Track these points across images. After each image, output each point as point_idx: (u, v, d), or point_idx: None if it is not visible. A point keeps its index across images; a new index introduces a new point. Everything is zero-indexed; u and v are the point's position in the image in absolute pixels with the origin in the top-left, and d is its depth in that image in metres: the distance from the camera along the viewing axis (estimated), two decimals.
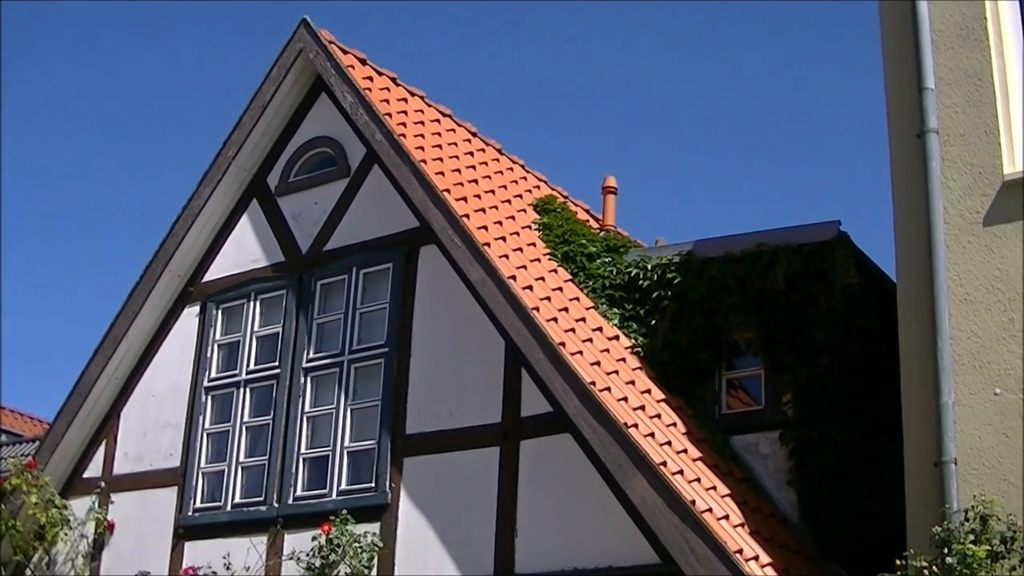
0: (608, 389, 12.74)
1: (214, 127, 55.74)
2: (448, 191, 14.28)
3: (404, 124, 15.43)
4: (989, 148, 12.38)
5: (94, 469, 16.92)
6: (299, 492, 14.67)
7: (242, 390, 15.64)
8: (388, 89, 16.18)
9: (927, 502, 11.84)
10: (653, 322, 14.93)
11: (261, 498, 14.91)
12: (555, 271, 15.12)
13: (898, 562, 11.32)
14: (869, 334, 14.05)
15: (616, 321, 14.99)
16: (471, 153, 16.79)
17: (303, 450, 14.83)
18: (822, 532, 13.68)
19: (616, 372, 13.59)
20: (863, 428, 13.87)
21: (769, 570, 11.99)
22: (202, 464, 15.70)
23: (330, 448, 14.54)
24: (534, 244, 15.35)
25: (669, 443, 12.84)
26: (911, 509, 12.08)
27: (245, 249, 16.29)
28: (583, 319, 14.29)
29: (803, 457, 13.87)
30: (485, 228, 14.26)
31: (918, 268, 12.40)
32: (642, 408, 13.17)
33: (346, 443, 14.46)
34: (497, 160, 17.45)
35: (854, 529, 13.62)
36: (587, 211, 18.39)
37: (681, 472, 12.24)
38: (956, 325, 12.06)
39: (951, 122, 12.58)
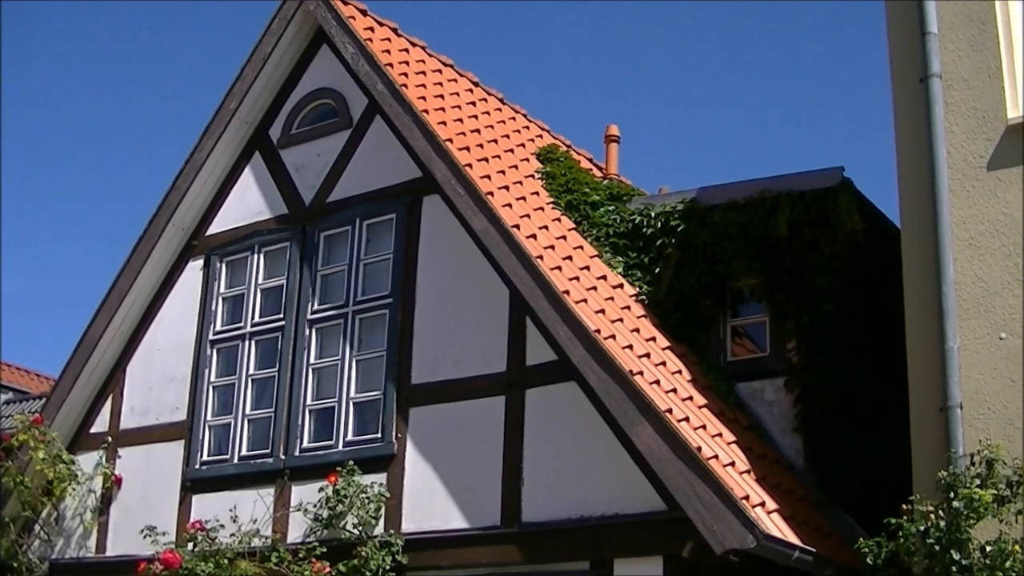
0: (613, 337, 12.74)
1: (216, 80, 55.40)
2: (450, 141, 14.24)
3: (405, 75, 15.38)
4: (992, 93, 12.36)
5: (100, 424, 16.95)
6: (305, 444, 14.69)
7: (247, 343, 15.64)
8: (389, 40, 16.13)
9: (933, 447, 11.88)
10: (657, 270, 14.94)
11: (268, 450, 14.94)
12: (558, 220, 15.11)
13: (904, 507, 11.37)
14: (873, 280, 14.05)
15: (620, 269, 15.00)
16: (472, 103, 16.74)
17: (309, 402, 14.84)
18: (828, 478, 13.73)
19: (621, 320, 13.60)
20: (868, 374, 13.89)
21: (775, 516, 12.02)
22: (208, 417, 15.73)
23: (336, 399, 14.56)
24: (537, 193, 15.33)
25: (674, 390, 12.85)
26: (917, 454, 12.12)
27: (248, 202, 16.27)
28: (587, 267, 14.28)
29: (808, 403, 13.91)
30: (488, 177, 14.23)
31: (922, 213, 12.39)
32: (647, 356, 13.18)
33: (352, 394, 14.47)
34: (499, 110, 17.41)
35: (859, 475, 13.66)
36: (590, 160, 18.36)
37: (687, 419, 12.25)
38: (960, 270, 12.07)
39: (954, 67, 12.56)
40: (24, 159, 59.13)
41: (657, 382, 12.63)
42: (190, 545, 14.21)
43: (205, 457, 15.57)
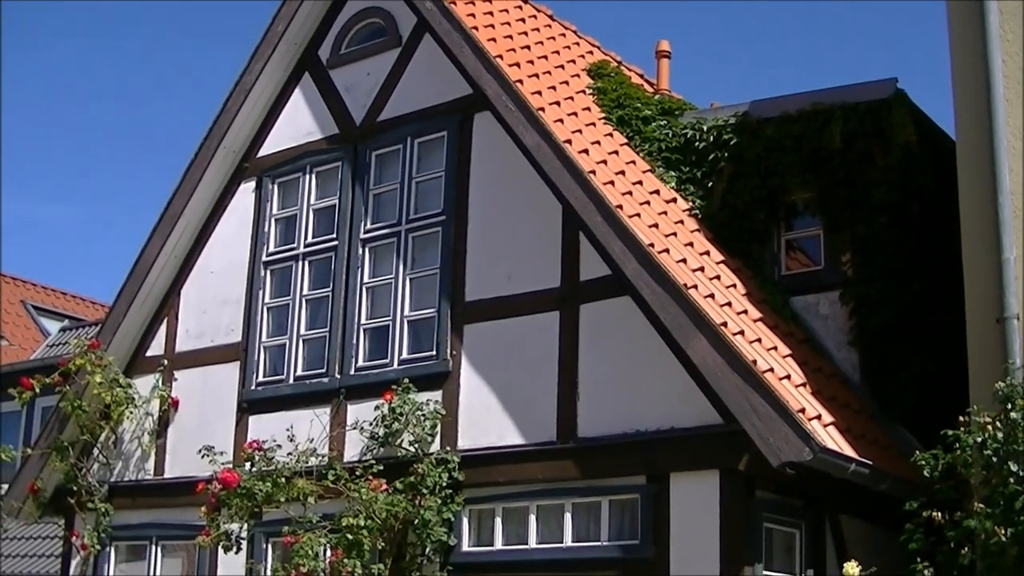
0: (667, 251, 12.70)
1: (264, 3, 55.53)
2: (500, 57, 14.16)
3: None
4: None
5: (156, 347, 17.05)
6: (360, 363, 14.73)
7: (301, 263, 15.66)
8: None
9: (989, 358, 11.82)
10: (710, 184, 14.89)
11: (323, 370, 14.99)
12: (611, 135, 15.04)
13: (961, 419, 11.34)
14: (928, 192, 13.96)
15: (673, 184, 14.95)
16: (522, 20, 16.61)
17: (363, 321, 14.87)
18: (883, 391, 13.71)
19: (674, 234, 13.56)
20: (923, 286, 13.83)
21: (831, 429, 12.00)
22: (263, 338, 15.79)
23: (390, 318, 14.58)
24: (589, 109, 15.26)
25: (729, 304, 12.81)
26: (973, 366, 12.07)
27: (299, 123, 16.24)
28: (640, 182, 14.24)
29: (863, 316, 13.85)
30: (539, 93, 14.16)
31: (977, 123, 12.28)
32: (701, 270, 13.13)
33: (406, 312, 14.49)
34: (548, 26, 17.29)
35: (915, 387, 13.63)
36: (640, 76, 18.23)
37: (742, 332, 12.22)
38: (1016, 180, 11.98)
39: None
40: (77, 90, 59.43)
41: (711, 296, 12.59)
42: (247, 465, 14.27)
43: (261, 378, 15.65)
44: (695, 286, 12.34)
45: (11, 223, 63.89)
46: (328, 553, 13.45)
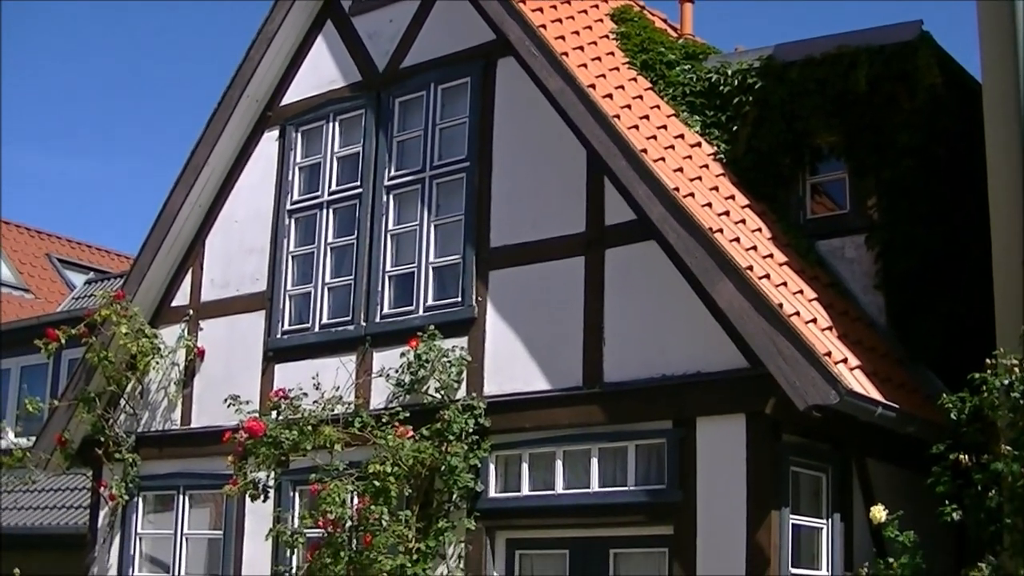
0: (692, 195, 12.67)
1: None
2: (523, 2, 14.08)
3: None
4: None
5: (181, 297, 17.06)
6: (386, 310, 14.73)
7: (325, 211, 15.64)
8: None
9: (1015, 301, 11.81)
10: (735, 128, 14.83)
11: (348, 318, 15.00)
12: (635, 80, 14.98)
13: (988, 361, 11.31)
14: (953, 135, 13.90)
15: (697, 128, 14.89)
16: None
17: (388, 268, 14.85)
18: (910, 335, 13.69)
19: (699, 178, 13.52)
20: (949, 229, 13.79)
21: (858, 373, 11.99)
22: (288, 287, 15.79)
23: (415, 265, 14.56)
24: (612, 53, 15.20)
25: (755, 248, 12.78)
26: (1000, 308, 12.04)
27: (321, 71, 16.19)
28: (664, 127, 14.18)
29: (889, 260, 13.82)
30: (562, 38, 14.11)
31: (1003, 66, 12.22)
32: (726, 214, 13.10)
33: (431, 259, 14.47)
34: None
35: (941, 330, 13.62)
36: (664, 20, 18.13)
37: (767, 276, 12.20)
38: None
39: None
40: (100, 43, 59.42)
41: (737, 240, 12.56)
42: (274, 414, 14.32)
43: (286, 326, 15.66)
44: (720, 230, 12.31)
45: (35, 177, 64.11)
46: (355, 500, 13.50)
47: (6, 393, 25.88)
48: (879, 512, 11.60)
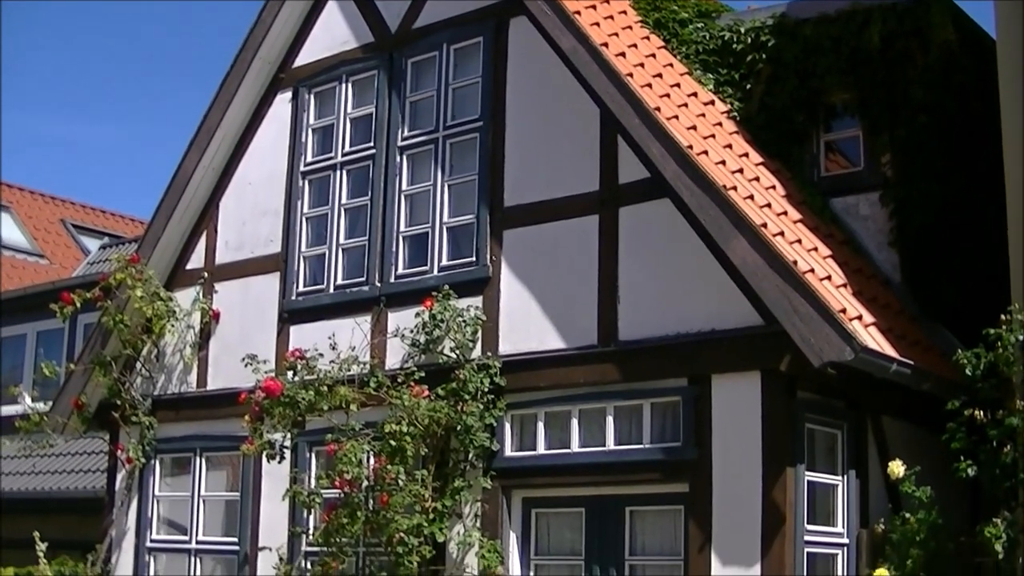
0: (705, 153, 12.65)
1: None
2: None
3: None
4: None
5: (196, 260, 17.07)
6: (400, 270, 14.74)
7: (339, 172, 15.63)
8: None
9: None
10: (748, 86, 14.83)
11: (363, 278, 15.00)
12: (647, 38, 14.95)
13: (1003, 317, 11.33)
14: (968, 91, 13.89)
15: (711, 86, 14.88)
16: None
17: (402, 228, 14.85)
18: (924, 292, 13.71)
19: (713, 136, 13.50)
20: (963, 186, 13.77)
21: (873, 330, 12.00)
22: (303, 248, 15.79)
23: (429, 225, 14.55)
24: (625, 12, 15.15)
25: (769, 205, 12.78)
26: (1014, 265, 12.06)
27: (334, 32, 16.15)
28: (677, 84, 14.16)
29: (904, 217, 13.82)
30: None
31: (1016, 21, 12.22)
32: (740, 171, 13.09)
33: (445, 219, 14.46)
34: None
35: (956, 287, 13.63)
36: None
37: (782, 234, 12.19)
38: None
39: None
40: (113, 8, 59.40)
41: (751, 197, 12.55)
42: (290, 374, 14.34)
43: (301, 288, 15.67)
44: (734, 187, 12.31)
45: (49, 143, 64.18)
46: (371, 460, 13.56)
47: (23, 358, 25.96)
48: (897, 467, 11.64)
